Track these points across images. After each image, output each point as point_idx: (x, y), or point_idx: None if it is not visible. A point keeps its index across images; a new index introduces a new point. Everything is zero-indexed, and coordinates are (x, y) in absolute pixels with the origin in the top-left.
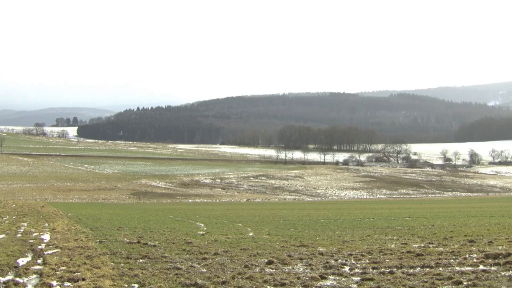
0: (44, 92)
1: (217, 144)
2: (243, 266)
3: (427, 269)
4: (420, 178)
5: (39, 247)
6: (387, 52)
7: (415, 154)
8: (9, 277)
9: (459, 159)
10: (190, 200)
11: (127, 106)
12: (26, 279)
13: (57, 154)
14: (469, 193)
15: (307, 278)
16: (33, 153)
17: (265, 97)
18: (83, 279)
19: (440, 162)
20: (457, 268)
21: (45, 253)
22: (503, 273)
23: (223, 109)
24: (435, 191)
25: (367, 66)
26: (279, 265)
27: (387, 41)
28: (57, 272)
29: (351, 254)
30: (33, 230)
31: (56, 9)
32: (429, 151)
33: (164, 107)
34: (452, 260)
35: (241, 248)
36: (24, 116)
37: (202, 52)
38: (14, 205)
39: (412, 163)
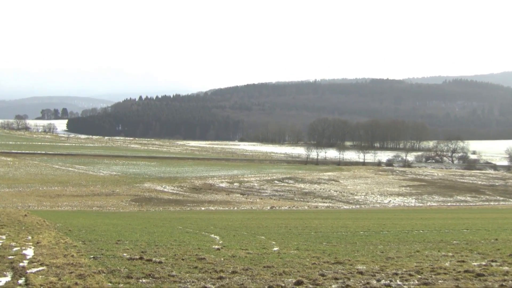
0: (25, 78)
1: (235, 140)
2: (266, 287)
3: None
4: (480, 182)
5: (21, 264)
6: (440, 31)
7: (474, 153)
8: None
9: None
10: (202, 208)
11: (127, 95)
12: None
13: (43, 152)
14: None
15: None
16: (13, 151)
17: (292, 84)
18: None
19: (505, 162)
20: None
21: (28, 271)
22: None
23: (242, 99)
24: (498, 197)
25: (415, 47)
26: (310, 286)
27: (439, 17)
28: None
29: (396, 274)
30: (13, 244)
31: None
32: (491, 150)
33: (171, 96)
34: None
35: (264, 266)
36: (1, 107)
37: (216, 31)
38: None
39: (470, 164)
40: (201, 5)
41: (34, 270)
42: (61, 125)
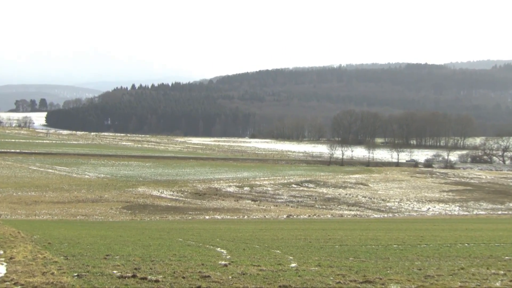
0: None
1: (245, 137)
2: None
3: None
4: None
5: None
6: (489, 5)
7: None
8: None
9: None
10: (207, 217)
11: (117, 83)
12: None
13: (17, 151)
14: None
15: None
16: None
17: (313, 70)
18: None
19: None
20: None
21: None
22: None
23: (254, 88)
24: None
25: (460, 25)
26: None
27: None
28: None
29: None
30: None
31: None
32: None
33: (169, 84)
34: None
35: (279, 285)
36: None
37: (223, 7)
38: None
39: None
40: None
41: None
42: (39, 118)
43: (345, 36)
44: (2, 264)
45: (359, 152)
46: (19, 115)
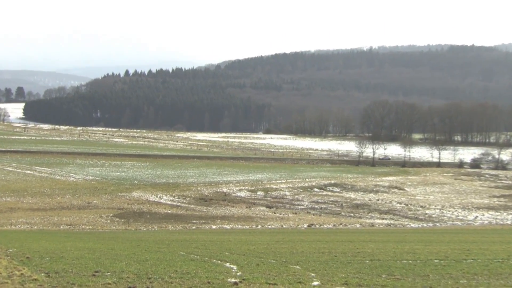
0: None
1: (259, 132)
2: None
3: None
4: None
5: None
6: None
7: None
8: None
9: None
10: (214, 226)
11: (107, 69)
12: None
13: None
14: None
15: None
16: None
17: (339, 53)
18: None
19: None
20: None
21: None
22: None
23: (269, 74)
24: None
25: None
26: None
27: None
28: None
29: None
30: None
31: None
32: None
33: (170, 70)
34: None
35: None
36: None
37: None
38: None
39: None
40: None
41: None
42: (15, 110)
43: (376, 13)
44: None
45: (393, 150)
46: None
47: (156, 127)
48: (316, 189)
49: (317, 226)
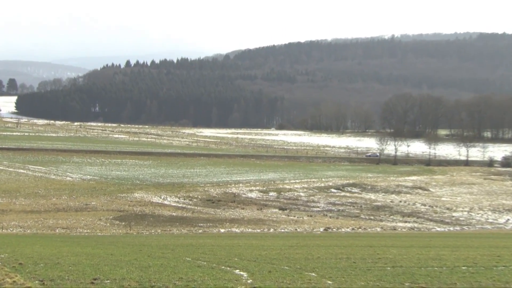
0: None
1: (271, 128)
2: None
3: None
4: None
5: None
6: None
7: None
8: None
9: None
10: (222, 230)
11: (107, 59)
12: None
13: None
14: None
15: None
16: None
17: (358, 42)
18: None
19: None
20: None
21: None
22: None
23: (282, 65)
24: None
25: None
26: None
27: None
28: None
29: None
30: None
31: None
32: None
33: (174, 61)
34: None
35: None
36: None
37: None
38: None
39: None
40: None
41: None
42: (7, 104)
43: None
44: None
45: (417, 148)
46: None
47: (160, 123)
48: (333, 190)
49: (334, 229)
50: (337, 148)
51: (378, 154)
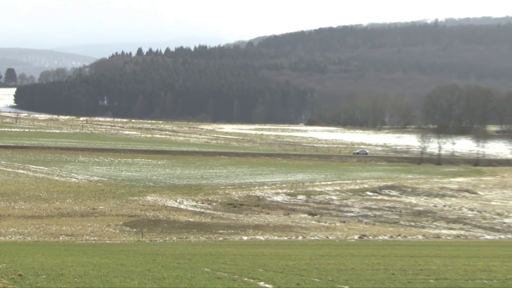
0: None
1: (299, 123)
2: None
3: None
4: None
5: None
6: None
7: None
8: None
9: None
10: (245, 237)
11: (116, 47)
12: None
13: None
14: None
15: None
16: None
17: (397, 28)
18: None
19: None
20: None
21: None
22: None
23: (311, 53)
24: None
25: None
26: None
27: None
28: None
29: None
30: None
31: None
32: None
33: (191, 49)
34: None
35: None
36: None
37: None
38: None
39: None
40: None
41: None
42: (4, 97)
43: None
44: None
45: (463, 146)
46: None
47: (175, 117)
48: (369, 193)
49: (370, 237)
50: (373, 146)
51: (367, 151)
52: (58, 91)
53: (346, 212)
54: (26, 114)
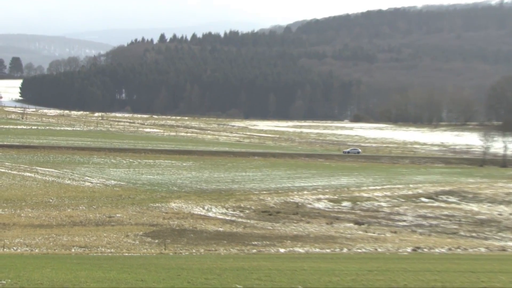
0: None
1: (344, 120)
2: None
3: None
4: None
5: None
6: None
7: None
8: None
9: None
10: (282, 250)
11: (135, 33)
12: None
13: None
14: None
15: None
16: None
17: (456, 10)
18: None
19: None
20: None
21: None
22: None
23: (358, 40)
24: None
25: None
26: None
27: None
28: None
29: None
30: None
31: None
32: None
33: (221, 35)
34: None
35: None
36: None
37: None
38: None
39: None
40: None
41: None
42: (9, 89)
43: None
44: None
45: None
46: None
47: (203, 113)
48: (423, 199)
49: (425, 249)
50: (429, 146)
51: (359, 150)
52: (70, 83)
53: (398, 221)
54: (34, 109)
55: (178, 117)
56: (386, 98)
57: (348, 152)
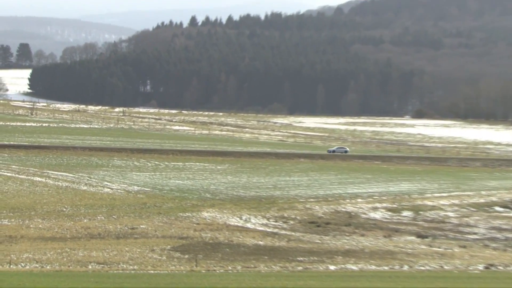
0: None
1: (404, 115)
2: None
3: None
4: None
5: None
6: None
7: None
8: None
9: None
10: (332, 267)
11: (161, 15)
12: None
13: None
14: None
15: None
16: None
17: None
18: None
19: None
20: None
21: None
22: None
23: (420, 22)
24: None
25: None
26: None
27: None
28: None
29: None
30: None
31: None
32: None
33: (262, 17)
34: None
35: None
36: None
37: None
38: None
39: None
40: None
41: None
42: (17, 81)
43: None
44: None
45: None
46: None
47: (240, 108)
48: (498, 208)
49: (499, 267)
50: (504, 146)
51: (346, 149)
52: (86, 73)
53: (467, 234)
54: (44, 104)
55: (212, 113)
56: (453, 91)
57: (334, 152)
